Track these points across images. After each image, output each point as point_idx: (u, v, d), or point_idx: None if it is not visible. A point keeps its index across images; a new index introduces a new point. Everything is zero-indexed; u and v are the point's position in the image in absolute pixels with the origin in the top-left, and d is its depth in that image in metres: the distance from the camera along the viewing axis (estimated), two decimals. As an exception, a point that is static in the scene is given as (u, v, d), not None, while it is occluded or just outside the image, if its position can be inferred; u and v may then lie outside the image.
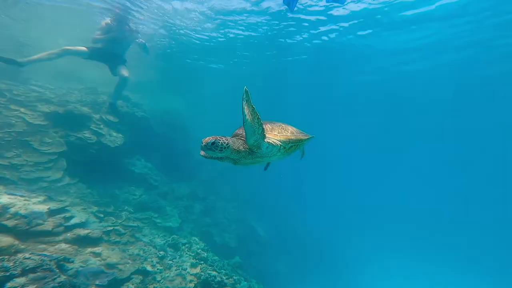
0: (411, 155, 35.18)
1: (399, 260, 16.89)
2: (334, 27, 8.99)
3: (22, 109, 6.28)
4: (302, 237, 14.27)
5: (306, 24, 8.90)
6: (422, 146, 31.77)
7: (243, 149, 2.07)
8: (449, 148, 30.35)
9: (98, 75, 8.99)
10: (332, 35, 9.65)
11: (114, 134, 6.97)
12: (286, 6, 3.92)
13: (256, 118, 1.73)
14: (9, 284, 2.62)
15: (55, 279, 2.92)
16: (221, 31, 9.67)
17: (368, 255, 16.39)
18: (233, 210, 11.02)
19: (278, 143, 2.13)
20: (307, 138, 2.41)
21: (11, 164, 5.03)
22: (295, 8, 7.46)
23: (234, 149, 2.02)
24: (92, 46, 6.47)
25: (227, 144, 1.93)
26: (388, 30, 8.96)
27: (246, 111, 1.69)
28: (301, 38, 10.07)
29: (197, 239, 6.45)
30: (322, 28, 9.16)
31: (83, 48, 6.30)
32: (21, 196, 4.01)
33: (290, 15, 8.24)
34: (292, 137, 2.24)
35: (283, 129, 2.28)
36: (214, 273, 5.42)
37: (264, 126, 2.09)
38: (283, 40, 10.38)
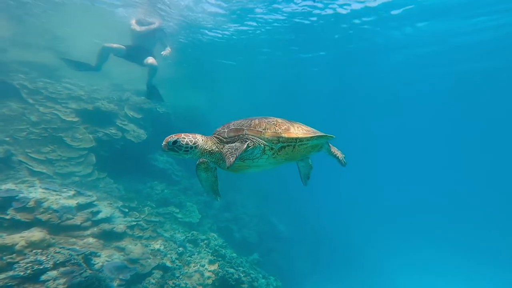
0: (439, 148, 33.04)
1: (432, 258, 15.81)
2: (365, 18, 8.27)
3: (56, 106, 6.73)
4: (325, 234, 13.93)
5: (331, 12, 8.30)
6: (450, 138, 29.57)
7: (217, 151, 1.76)
8: (481, 138, 27.88)
9: (124, 71, 9.35)
10: (363, 26, 8.92)
11: (138, 130, 7.21)
12: None
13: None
14: (43, 277, 2.79)
15: (81, 273, 3.07)
16: (243, 27, 9.46)
17: (399, 252, 15.60)
18: (253, 205, 11.03)
19: (262, 142, 1.73)
20: (312, 137, 1.86)
21: (47, 159, 5.43)
22: None
23: (206, 151, 1.73)
24: (127, 45, 6.57)
25: (194, 144, 1.64)
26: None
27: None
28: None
29: (215, 235, 6.51)
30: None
31: (121, 46, 6.37)
32: (54, 190, 4.29)
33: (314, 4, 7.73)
34: (284, 134, 1.76)
35: (274, 124, 1.82)
36: (231, 270, 5.44)
37: (249, 122, 1.81)
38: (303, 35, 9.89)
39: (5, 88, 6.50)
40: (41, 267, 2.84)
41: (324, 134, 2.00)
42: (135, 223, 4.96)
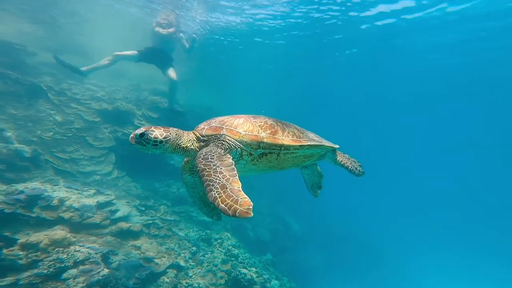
0: (459, 143, 31.48)
1: (452, 259, 14.96)
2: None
3: (79, 107, 7.07)
4: (340, 233, 13.62)
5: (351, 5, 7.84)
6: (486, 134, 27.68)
7: (192, 149, 1.61)
8: (502, 134, 26.01)
9: (142, 72, 9.63)
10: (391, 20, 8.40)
11: (155, 129, 7.39)
12: None
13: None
14: (64, 275, 2.94)
15: (99, 272, 3.20)
16: (255, 25, 9.31)
17: (418, 253, 14.96)
18: (266, 204, 11.00)
19: (239, 145, 1.54)
20: (301, 146, 1.63)
21: (71, 158, 5.74)
22: None
23: (180, 147, 1.58)
24: (142, 49, 6.82)
25: (164, 138, 1.48)
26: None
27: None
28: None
29: (229, 235, 6.55)
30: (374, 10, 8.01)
31: (134, 52, 6.65)
32: (76, 189, 4.51)
33: None
34: (266, 139, 1.53)
35: (260, 126, 1.61)
36: (244, 270, 5.45)
37: (232, 121, 1.63)
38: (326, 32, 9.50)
39: (35, 90, 6.92)
40: (63, 265, 3.00)
41: (319, 143, 1.76)
42: (151, 221, 5.11)
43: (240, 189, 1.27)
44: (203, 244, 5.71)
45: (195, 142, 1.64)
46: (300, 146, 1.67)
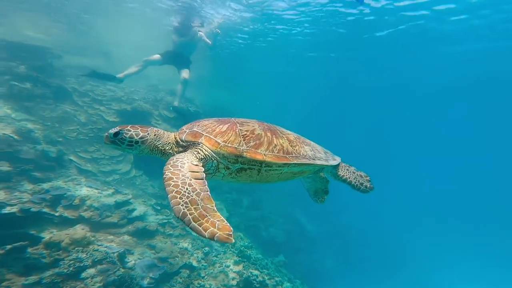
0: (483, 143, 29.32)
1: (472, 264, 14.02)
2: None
3: (101, 108, 7.39)
4: (356, 234, 13.22)
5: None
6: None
7: (170, 152, 1.51)
8: None
9: (161, 72, 9.88)
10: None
11: (170, 129, 7.55)
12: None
13: None
14: (83, 274, 3.08)
15: (115, 271, 3.32)
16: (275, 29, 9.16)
17: (436, 257, 14.17)
18: (281, 204, 10.90)
19: (215, 157, 1.41)
20: (286, 163, 1.46)
21: (92, 157, 6.03)
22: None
23: (157, 148, 1.49)
24: (163, 52, 7.07)
25: (140, 139, 1.40)
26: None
27: None
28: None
29: (241, 235, 6.57)
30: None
31: (157, 56, 6.96)
32: (96, 188, 4.72)
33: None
34: (246, 154, 1.38)
35: (243, 137, 1.45)
36: (256, 272, 5.44)
37: (215, 127, 1.49)
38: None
39: (61, 92, 7.34)
40: (82, 265, 3.14)
41: (309, 162, 1.55)
42: (166, 221, 5.24)
43: (215, 208, 1.15)
44: (216, 244, 5.77)
45: (174, 146, 1.54)
46: (284, 164, 1.49)
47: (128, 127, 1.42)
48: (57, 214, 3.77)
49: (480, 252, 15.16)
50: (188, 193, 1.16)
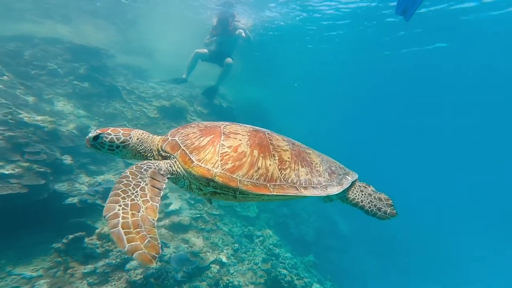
0: None
1: None
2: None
3: (144, 104, 8.01)
4: (396, 234, 12.33)
5: None
6: None
7: (151, 158, 1.40)
8: None
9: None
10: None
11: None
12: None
13: None
14: (127, 266, 3.47)
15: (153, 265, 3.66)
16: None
17: (486, 262, 12.52)
18: (312, 200, 10.64)
19: (187, 177, 1.27)
20: (263, 194, 1.23)
21: (137, 152, 6.65)
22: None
23: (140, 154, 1.39)
24: (209, 49, 7.35)
25: (122, 143, 1.31)
26: None
27: None
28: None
29: (271, 232, 6.63)
30: None
31: (205, 50, 7.26)
32: (139, 184, 5.21)
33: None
34: (218, 178, 1.20)
35: (222, 155, 1.26)
36: (284, 271, 5.46)
37: (195, 140, 1.32)
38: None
39: (112, 90, 8.15)
40: (126, 256, 3.54)
41: (294, 193, 1.29)
42: (198, 215, 5.56)
43: (155, 223, 0.99)
44: (245, 240, 5.94)
45: (156, 154, 1.42)
46: (261, 195, 1.27)
47: (109, 130, 1.34)
48: (107, 206, 4.28)
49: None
50: (135, 196, 1.04)
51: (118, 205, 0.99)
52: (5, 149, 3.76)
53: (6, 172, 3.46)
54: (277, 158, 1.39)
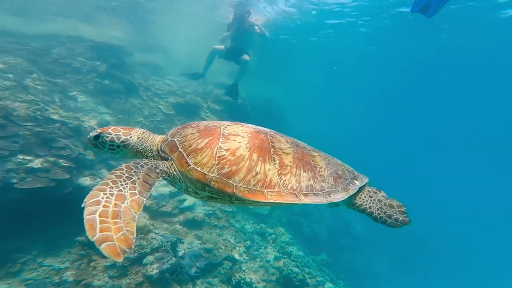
0: None
1: None
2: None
3: (160, 101, 8.18)
4: (411, 234, 11.90)
5: None
6: None
7: (152, 158, 1.37)
8: None
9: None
10: None
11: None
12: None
13: None
14: (144, 260, 3.61)
15: (168, 260, 3.79)
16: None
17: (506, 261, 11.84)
18: (326, 199, 10.47)
19: (183, 180, 1.25)
20: (266, 202, 1.18)
21: (153, 148, 6.85)
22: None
23: (141, 154, 1.36)
24: (226, 47, 7.31)
25: (122, 142, 1.31)
26: None
27: None
28: None
29: (283, 230, 6.62)
30: None
31: (222, 47, 7.23)
32: (155, 180, 5.37)
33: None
34: (214, 183, 1.17)
35: (219, 159, 1.22)
36: (296, 270, 5.45)
37: (194, 142, 1.27)
38: None
39: (131, 87, 8.39)
40: (143, 251, 3.68)
41: (292, 201, 1.21)
42: (211, 212, 5.65)
43: (136, 217, 0.95)
44: (258, 237, 5.98)
45: (155, 154, 1.38)
46: (257, 202, 1.21)
47: (110, 130, 1.33)
48: (125, 202, 4.47)
49: None
50: (123, 187, 1.02)
51: (104, 193, 0.97)
52: (34, 144, 4.00)
53: (35, 166, 3.68)
54: (277, 162, 1.33)
